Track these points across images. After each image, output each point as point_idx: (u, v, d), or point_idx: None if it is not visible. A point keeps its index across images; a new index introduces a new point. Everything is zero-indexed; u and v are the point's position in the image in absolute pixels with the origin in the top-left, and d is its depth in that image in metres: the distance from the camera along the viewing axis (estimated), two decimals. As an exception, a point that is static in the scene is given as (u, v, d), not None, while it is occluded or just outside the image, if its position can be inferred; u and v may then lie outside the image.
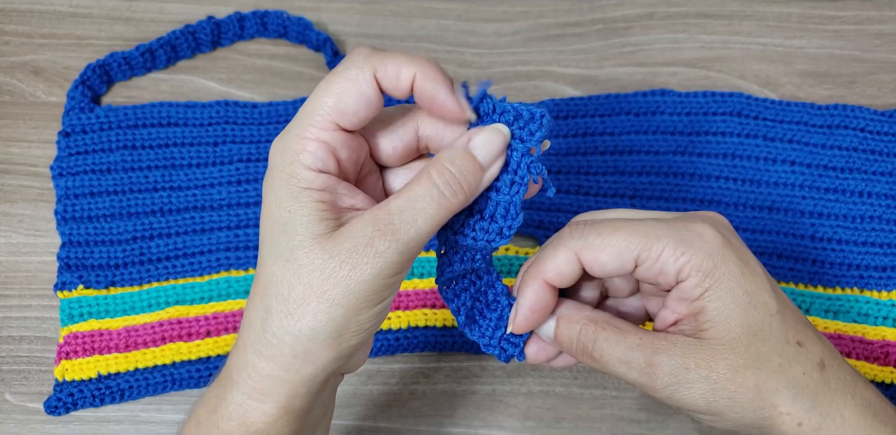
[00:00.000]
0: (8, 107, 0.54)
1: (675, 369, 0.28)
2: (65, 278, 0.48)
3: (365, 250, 0.26)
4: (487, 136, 0.27)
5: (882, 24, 0.58)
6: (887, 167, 0.52)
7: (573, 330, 0.30)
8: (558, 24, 0.58)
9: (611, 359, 0.29)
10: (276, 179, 0.27)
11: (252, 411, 0.27)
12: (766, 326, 0.28)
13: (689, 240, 0.29)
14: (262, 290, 0.27)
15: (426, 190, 0.27)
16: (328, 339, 0.26)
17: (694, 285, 0.28)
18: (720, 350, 0.28)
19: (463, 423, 0.47)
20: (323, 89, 0.27)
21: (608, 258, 0.29)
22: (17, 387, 0.47)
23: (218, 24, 0.55)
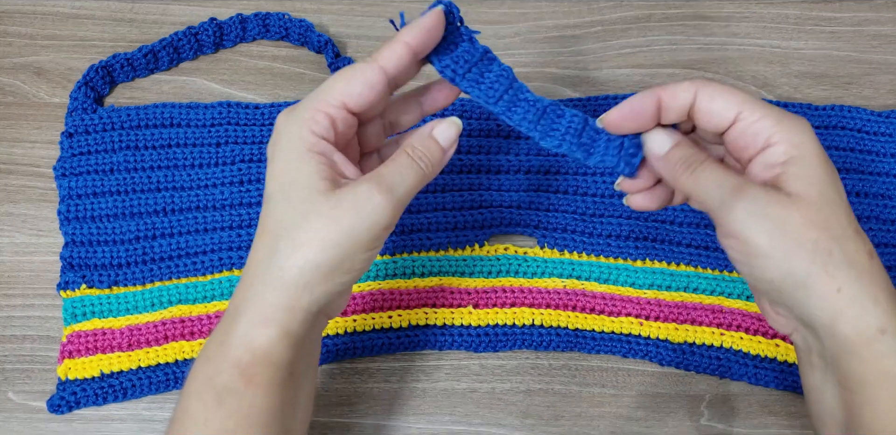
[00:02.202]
0: (11, 108, 0.55)
1: (757, 201, 0.31)
2: (68, 278, 0.49)
3: (366, 203, 0.31)
4: (446, 126, 0.35)
5: (879, 25, 0.58)
6: (884, 167, 0.52)
7: (689, 150, 0.34)
8: (557, 25, 0.58)
9: (709, 177, 0.32)
10: (284, 142, 0.32)
11: (257, 337, 0.32)
12: (836, 205, 0.31)
13: (788, 116, 0.32)
14: (269, 233, 0.32)
15: (408, 161, 0.33)
16: (327, 272, 0.32)
17: (782, 152, 0.31)
18: (798, 203, 0.30)
19: (463, 421, 0.47)
20: (336, 76, 0.33)
21: (720, 102, 0.32)
22: (20, 386, 0.48)
23: (220, 25, 0.55)
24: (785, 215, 0.30)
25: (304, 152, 0.32)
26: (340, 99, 0.32)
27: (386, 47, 0.33)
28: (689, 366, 0.48)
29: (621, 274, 0.50)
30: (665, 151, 0.34)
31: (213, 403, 0.32)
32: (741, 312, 0.49)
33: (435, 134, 0.35)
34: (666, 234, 0.51)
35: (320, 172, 0.32)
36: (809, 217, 0.30)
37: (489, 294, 0.49)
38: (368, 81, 0.32)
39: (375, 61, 0.32)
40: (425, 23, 0.33)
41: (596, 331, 0.49)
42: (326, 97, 0.32)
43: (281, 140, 0.33)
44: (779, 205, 0.30)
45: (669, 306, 0.49)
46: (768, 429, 0.47)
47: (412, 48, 0.33)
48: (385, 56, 0.33)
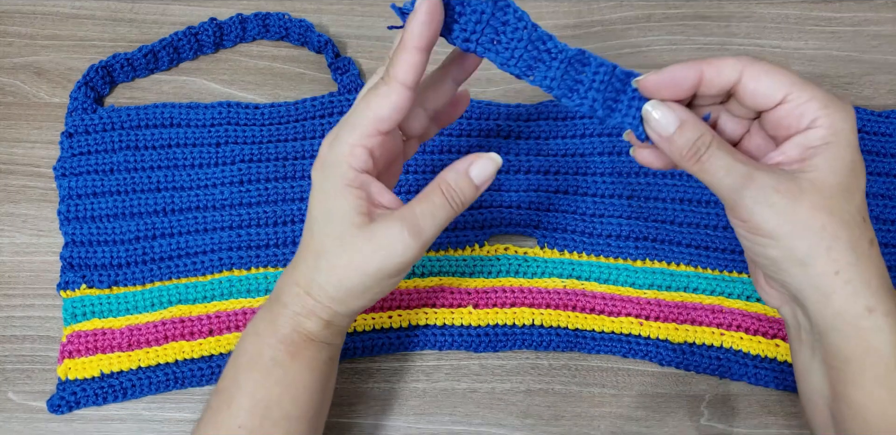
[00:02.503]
0: (11, 108, 0.55)
1: (766, 186, 0.32)
2: (68, 278, 0.49)
3: (396, 243, 0.35)
4: (483, 164, 0.36)
5: (879, 25, 0.58)
6: (884, 167, 0.52)
7: (693, 134, 0.33)
8: (557, 26, 0.58)
9: (717, 164, 0.32)
10: (328, 173, 0.35)
11: (304, 322, 0.37)
12: (852, 193, 0.32)
13: (835, 102, 0.32)
14: (312, 252, 0.36)
15: (441, 201, 0.35)
16: (357, 294, 0.36)
17: (820, 136, 0.32)
18: (810, 190, 0.31)
19: (463, 420, 0.47)
20: (363, 104, 0.35)
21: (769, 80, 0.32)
22: (20, 386, 0.48)
23: (220, 25, 0.55)
24: (794, 203, 0.31)
25: (344, 187, 0.35)
26: (374, 127, 0.34)
27: (399, 59, 0.33)
28: (689, 366, 0.48)
29: (621, 274, 0.50)
30: (670, 133, 0.33)
31: (262, 374, 0.36)
32: (741, 312, 0.49)
33: (471, 173, 0.36)
34: (666, 234, 0.51)
35: (357, 208, 0.35)
36: (821, 203, 0.31)
37: (489, 294, 0.49)
38: (395, 105, 0.34)
39: (395, 80, 0.33)
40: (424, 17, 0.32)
41: (596, 331, 0.49)
42: (361, 128, 0.34)
43: (325, 170, 0.36)
44: (788, 194, 0.31)
45: (669, 306, 0.49)
46: (768, 429, 0.47)
47: (424, 50, 0.33)
48: (402, 71, 0.33)
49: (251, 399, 0.36)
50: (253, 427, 0.36)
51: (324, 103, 0.54)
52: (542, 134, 0.53)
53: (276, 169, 0.52)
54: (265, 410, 0.36)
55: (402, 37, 0.33)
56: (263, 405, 0.36)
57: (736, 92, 0.34)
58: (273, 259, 0.50)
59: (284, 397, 0.37)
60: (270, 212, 0.51)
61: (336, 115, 0.54)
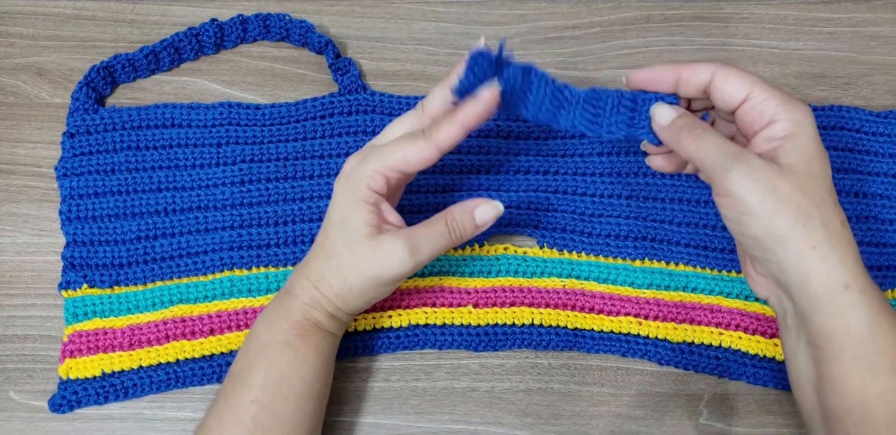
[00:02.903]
0: (13, 108, 0.55)
1: (752, 166, 0.35)
2: (69, 277, 0.49)
3: (394, 256, 0.40)
4: (487, 209, 0.42)
5: (877, 26, 0.59)
6: (883, 168, 0.53)
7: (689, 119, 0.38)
8: (557, 26, 0.59)
9: (710, 142, 0.36)
10: (348, 188, 0.41)
11: (313, 312, 0.42)
12: (820, 178, 0.35)
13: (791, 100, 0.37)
14: (325, 251, 0.41)
15: (444, 230, 0.41)
16: (357, 294, 0.41)
17: (783, 128, 0.36)
18: (787, 172, 0.35)
19: (462, 420, 0.48)
20: (402, 145, 0.40)
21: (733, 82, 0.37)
22: (21, 385, 0.48)
23: (221, 26, 0.56)
24: (775, 181, 0.35)
25: (360, 201, 0.40)
26: (398, 166, 0.40)
27: (445, 127, 0.39)
28: (687, 365, 0.48)
29: (620, 274, 0.50)
30: (672, 118, 0.38)
31: (274, 355, 0.40)
32: (740, 312, 0.49)
33: (476, 213, 0.41)
34: (665, 233, 0.51)
35: (368, 220, 0.40)
36: (797, 184, 0.35)
37: (489, 294, 0.50)
38: (424, 157, 0.40)
39: (434, 141, 0.39)
40: (483, 108, 0.39)
41: (595, 330, 0.49)
42: (388, 160, 0.40)
43: (347, 183, 0.41)
44: (771, 172, 0.35)
45: (668, 306, 0.49)
46: (766, 428, 0.47)
47: (469, 129, 0.40)
48: (444, 139, 0.39)
49: (264, 377, 0.40)
50: (265, 401, 0.39)
51: (324, 104, 0.54)
52: (542, 134, 0.53)
53: (277, 169, 0.52)
54: (277, 386, 0.40)
55: (458, 113, 0.39)
56: (275, 382, 0.40)
57: (709, 92, 0.38)
58: (274, 259, 0.50)
59: (294, 376, 0.40)
60: (271, 212, 0.51)
61: (336, 115, 0.54)
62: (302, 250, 0.50)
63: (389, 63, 0.57)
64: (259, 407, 0.39)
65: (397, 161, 0.40)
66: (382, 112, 0.54)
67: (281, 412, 0.40)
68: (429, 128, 0.40)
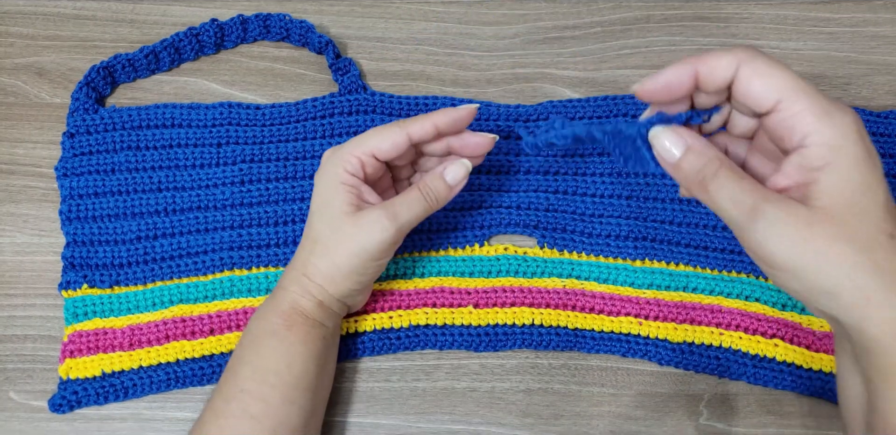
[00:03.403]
0: (13, 108, 0.55)
1: (775, 219, 0.30)
2: (69, 277, 0.49)
3: (375, 225, 0.41)
4: (455, 168, 0.43)
5: (877, 26, 0.59)
6: (883, 168, 0.52)
7: (699, 161, 0.32)
8: (556, 26, 0.59)
9: (722, 195, 0.32)
10: (326, 174, 0.43)
11: (300, 300, 0.43)
12: (868, 212, 0.30)
13: (832, 113, 0.30)
14: (310, 239, 0.43)
15: (416, 195, 0.42)
16: (347, 273, 0.42)
17: (818, 156, 0.30)
18: (821, 217, 0.30)
19: (463, 420, 0.48)
20: (374, 132, 0.43)
21: (760, 85, 0.31)
22: (21, 385, 0.48)
23: (221, 26, 0.56)
24: (805, 233, 0.30)
25: (338, 184, 0.42)
26: (370, 150, 0.42)
27: (419, 121, 0.42)
28: (688, 365, 0.48)
29: (620, 274, 0.50)
30: (676, 159, 0.33)
31: (261, 346, 0.41)
32: (740, 312, 0.49)
33: (445, 173, 0.43)
34: (665, 234, 0.51)
35: (348, 199, 0.42)
36: (834, 231, 0.30)
37: (489, 294, 0.50)
38: (395, 142, 0.42)
39: (405, 128, 0.42)
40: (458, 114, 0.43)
41: (595, 330, 0.49)
42: (361, 147, 0.42)
43: (324, 171, 0.43)
44: (801, 222, 0.30)
45: (668, 306, 0.49)
46: (767, 428, 0.47)
47: (438, 128, 0.43)
48: (415, 128, 0.42)
49: (251, 367, 0.41)
50: (252, 391, 0.40)
51: (324, 104, 0.54)
52: (542, 134, 0.53)
53: (277, 169, 0.52)
54: (263, 375, 0.40)
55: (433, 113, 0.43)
56: (262, 372, 0.41)
57: (732, 93, 0.33)
58: (274, 259, 0.50)
59: (281, 365, 0.41)
60: (271, 212, 0.51)
61: (336, 115, 0.54)
62: (302, 250, 0.50)
63: (389, 63, 0.57)
64: (248, 396, 0.40)
65: (370, 145, 0.42)
66: (382, 112, 0.54)
67: (269, 401, 0.40)
68: (403, 121, 0.43)
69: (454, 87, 0.56)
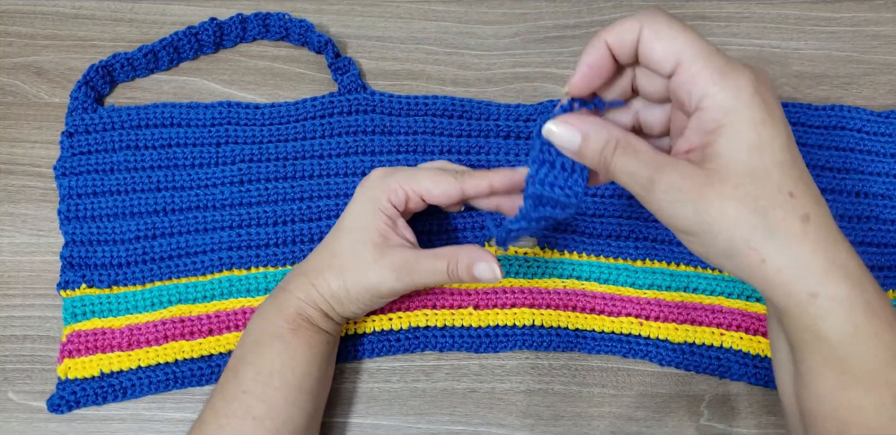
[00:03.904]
0: (11, 108, 0.55)
1: (669, 188, 0.30)
2: (68, 277, 0.49)
3: (391, 274, 0.42)
4: (485, 269, 0.41)
5: (879, 25, 0.59)
6: (884, 168, 0.52)
7: (598, 144, 0.33)
8: (557, 26, 0.58)
9: (622, 172, 0.32)
10: (370, 196, 0.43)
11: (305, 308, 0.43)
12: (765, 172, 0.30)
13: (727, 74, 0.30)
14: (332, 252, 0.43)
15: (443, 270, 0.41)
16: (353, 300, 0.43)
17: (711, 118, 0.30)
18: (715, 181, 0.30)
19: (463, 420, 0.47)
20: (429, 176, 0.43)
21: (660, 47, 0.31)
22: (20, 385, 0.48)
23: (220, 25, 0.55)
24: (701, 196, 0.30)
25: (377, 210, 0.42)
26: (421, 190, 0.43)
27: (476, 178, 0.42)
28: (688, 366, 0.48)
29: (621, 274, 0.50)
30: (576, 149, 0.34)
31: (265, 347, 0.41)
32: (741, 312, 0.49)
33: (475, 269, 0.41)
34: (666, 234, 0.51)
35: (380, 229, 0.42)
36: (728, 193, 0.30)
37: (489, 295, 0.49)
38: (447, 192, 0.43)
39: (462, 183, 0.42)
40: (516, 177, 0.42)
41: (596, 331, 0.49)
42: (413, 184, 0.43)
43: (369, 192, 0.43)
44: (694, 186, 0.30)
45: (669, 306, 0.49)
46: (767, 429, 0.47)
47: (493, 188, 0.42)
48: (471, 184, 0.42)
49: (255, 368, 0.41)
50: (255, 392, 0.40)
51: (324, 103, 0.54)
52: (542, 134, 0.53)
53: (276, 169, 0.52)
54: (267, 377, 0.41)
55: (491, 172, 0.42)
56: (266, 373, 0.41)
57: (639, 55, 0.32)
58: (273, 259, 0.50)
59: (285, 367, 0.41)
60: (270, 211, 0.51)
61: (336, 115, 0.53)
62: (301, 250, 0.50)
63: (389, 62, 0.57)
64: (250, 398, 0.40)
65: (423, 186, 0.42)
66: (382, 112, 0.54)
67: (272, 403, 0.40)
68: (461, 173, 0.43)
69: (454, 86, 0.56)
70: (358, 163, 0.52)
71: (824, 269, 0.30)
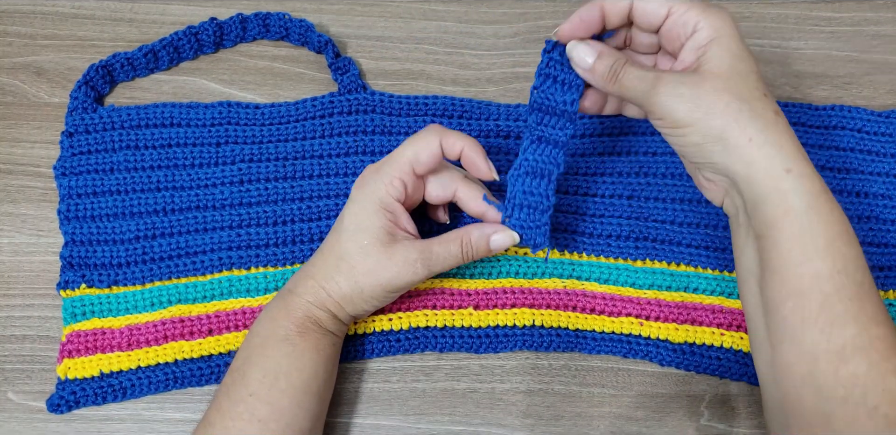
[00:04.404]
0: (11, 108, 0.55)
1: (673, 83, 0.37)
2: (67, 277, 0.49)
3: (408, 266, 0.42)
4: (503, 237, 0.43)
5: (879, 25, 0.59)
6: (884, 167, 0.52)
7: (609, 60, 0.40)
8: (556, 26, 0.58)
9: (630, 77, 0.39)
10: (367, 195, 0.43)
11: (315, 311, 0.43)
12: (745, 74, 0.37)
13: (710, 8, 0.38)
14: (334, 255, 0.43)
15: (457, 252, 0.43)
16: (367, 298, 0.43)
17: (705, 35, 0.38)
18: (709, 77, 0.37)
19: (463, 421, 0.47)
20: (408, 144, 0.43)
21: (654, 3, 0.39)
22: (19, 386, 0.48)
23: (220, 25, 0.55)
24: (698, 89, 0.37)
25: (379, 208, 0.42)
26: (410, 162, 0.42)
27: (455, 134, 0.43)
28: (689, 366, 0.48)
29: (621, 274, 0.50)
30: (590, 65, 0.40)
31: (273, 350, 0.42)
32: (741, 312, 0.49)
33: (492, 239, 0.43)
34: (666, 234, 0.51)
35: (386, 227, 0.42)
36: (722, 85, 0.37)
37: (490, 295, 0.49)
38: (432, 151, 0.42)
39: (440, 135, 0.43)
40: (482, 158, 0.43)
41: (596, 331, 0.49)
42: (401, 165, 0.42)
43: (365, 189, 0.43)
44: (692, 82, 0.37)
45: (670, 306, 0.49)
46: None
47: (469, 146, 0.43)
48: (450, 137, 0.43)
49: (262, 370, 0.41)
50: (262, 394, 0.40)
51: (324, 103, 0.54)
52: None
53: (276, 169, 0.52)
54: (274, 380, 0.41)
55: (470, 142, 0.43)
56: (273, 376, 0.41)
57: (632, 16, 0.40)
58: (273, 259, 0.50)
59: (292, 370, 0.41)
60: (270, 211, 0.51)
61: (336, 114, 0.53)
62: (301, 250, 0.50)
63: (389, 62, 0.57)
64: (256, 400, 0.40)
65: (408, 158, 0.42)
66: (382, 111, 0.54)
67: (278, 405, 0.40)
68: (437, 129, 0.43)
69: (454, 86, 0.56)
70: (358, 163, 0.52)
71: (796, 149, 0.36)
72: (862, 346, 0.34)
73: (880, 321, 0.35)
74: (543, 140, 0.43)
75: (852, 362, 0.34)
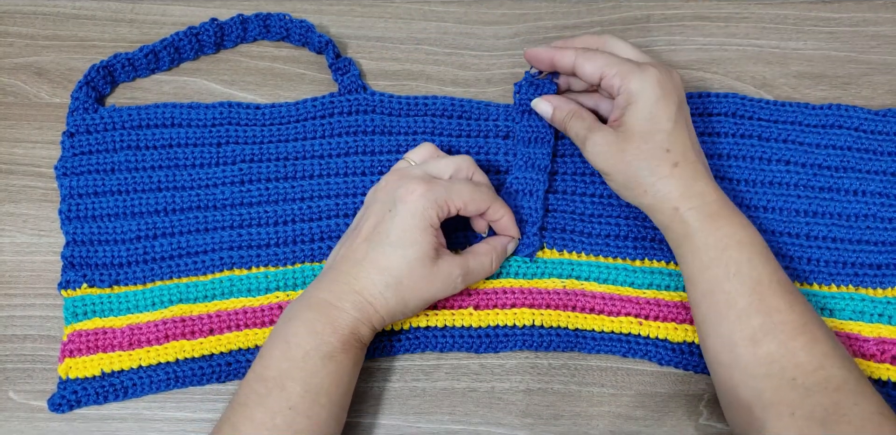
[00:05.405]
0: (12, 108, 0.55)
1: (596, 140, 0.46)
2: (69, 277, 0.49)
3: (451, 282, 0.45)
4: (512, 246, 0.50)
5: (877, 25, 0.59)
6: (881, 166, 0.53)
7: (561, 113, 0.49)
8: (556, 26, 0.59)
9: (571, 129, 0.48)
10: (417, 212, 0.44)
11: (361, 327, 0.44)
12: (652, 135, 0.45)
13: (635, 72, 0.45)
14: (382, 267, 0.44)
15: (489, 265, 0.47)
16: (408, 311, 0.45)
17: (624, 99, 0.46)
18: (623, 137, 0.46)
19: (463, 420, 0.48)
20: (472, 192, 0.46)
21: (589, 68, 0.47)
22: (21, 385, 0.48)
23: (221, 26, 0.55)
24: (613, 147, 0.46)
25: (428, 226, 0.44)
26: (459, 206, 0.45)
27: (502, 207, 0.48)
28: (688, 365, 0.48)
29: (620, 274, 0.50)
30: (549, 115, 0.50)
31: (318, 366, 0.42)
32: (740, 312, 0.49)
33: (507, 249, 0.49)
34: (665, 233, 0.51)
35: (432, 244, 0.44)
36: (631, 145, 0.45)
37: (490, 295, 0.50)
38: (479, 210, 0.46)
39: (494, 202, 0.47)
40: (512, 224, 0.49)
41: (596, 331, 0.49)
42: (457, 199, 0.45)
43: (414, 206, 0.44)
44: (609, 142, 0.46)
45: (669, 306, 0.49)
46: (767, 428, 0.47)
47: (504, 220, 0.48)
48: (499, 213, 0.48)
49: (304, 386, 0.41)
50: (303, 409, 0.41)
51: (324, 104, 0.54)
52: (542, 134, 0.53)
53: (277, 169, 0.52)
54: (316, 395, 0.42)
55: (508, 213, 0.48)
56: (315, 392, 0.42)
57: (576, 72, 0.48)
58: (274, 258, 0.50)
59: (332, 387, 0.42)
60: (271, 211, 0.51)
61: (336, 115, 0.54)
62: (301, 250, 0.50)
63: (389, 63, 0.57)
64: (296, 414, 0.41)
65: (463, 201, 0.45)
66: (382, 112, 0.54)
67: (317, 419, 0.42)
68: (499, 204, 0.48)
69: (454, 86, 0.56)
70: (358, 163, 0.52)
71: (681, 193, 0.45)
72: (769, 330, 0.41)
73: (782, 309, 0.42)
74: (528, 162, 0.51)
75: (764, 344, 0.41)
